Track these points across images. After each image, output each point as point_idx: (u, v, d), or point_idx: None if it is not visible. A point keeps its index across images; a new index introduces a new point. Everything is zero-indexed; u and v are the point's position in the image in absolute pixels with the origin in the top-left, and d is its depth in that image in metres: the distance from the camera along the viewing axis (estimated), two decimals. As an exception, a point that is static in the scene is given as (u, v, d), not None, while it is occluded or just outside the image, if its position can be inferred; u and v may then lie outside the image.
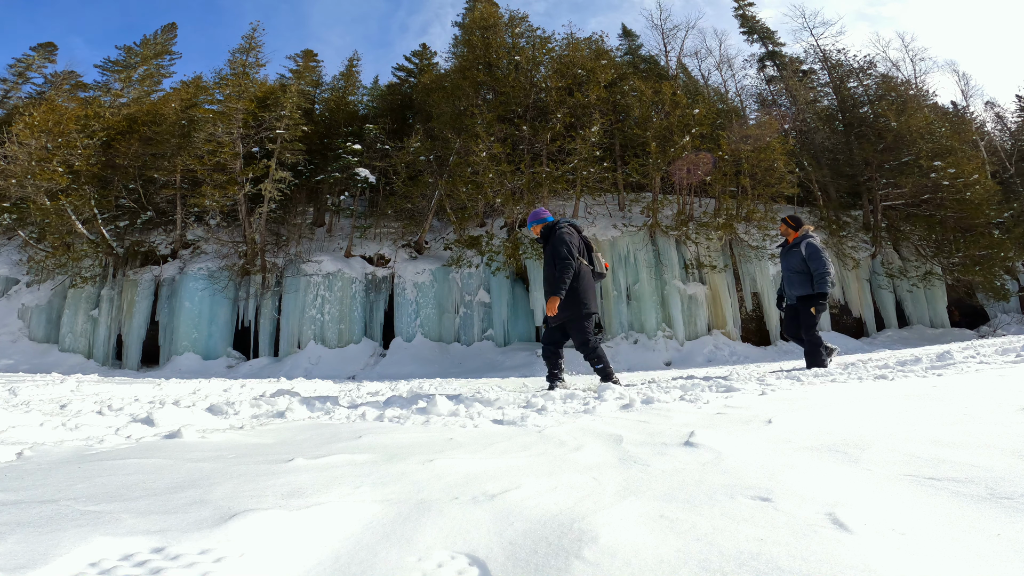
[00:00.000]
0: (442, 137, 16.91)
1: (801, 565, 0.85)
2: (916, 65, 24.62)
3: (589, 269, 4.25)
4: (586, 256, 4.28)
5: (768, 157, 15.59)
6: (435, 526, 1.08)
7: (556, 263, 3.98)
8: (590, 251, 4.34)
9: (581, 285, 4.08)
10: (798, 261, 5.15)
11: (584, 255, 4.26)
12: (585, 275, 4.16)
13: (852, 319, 16.76)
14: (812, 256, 5.00)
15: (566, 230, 4.21)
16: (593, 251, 4.35)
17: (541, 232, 4.35)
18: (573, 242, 4.10)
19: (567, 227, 4.25)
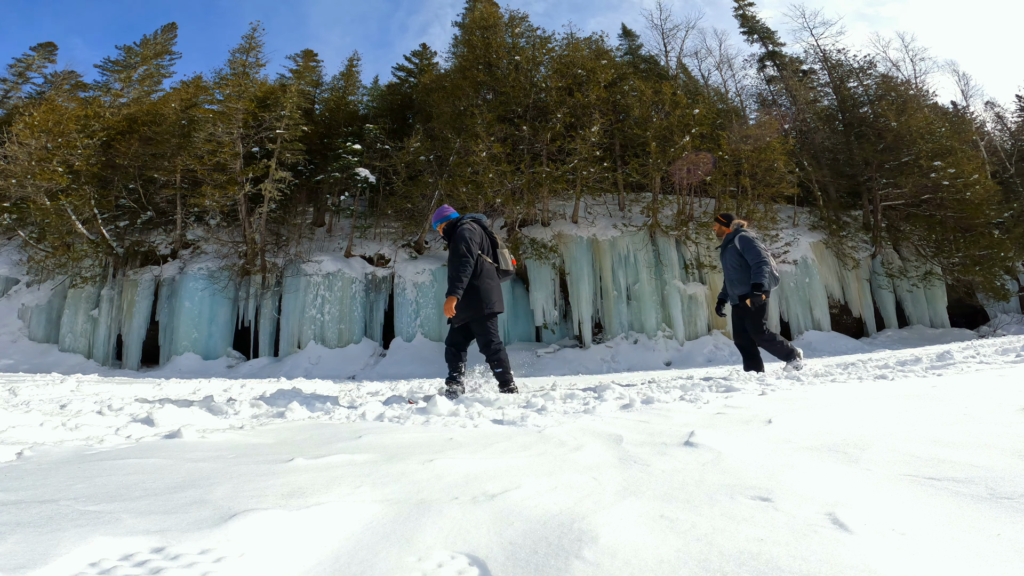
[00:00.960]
0: (442, 137, 16.91)
1: (801, 565, 0.84)
2: (916, 65, 24.65)
3: (493, 267, 3.99)
4: (490, 252, 4.03)
5: (768, 157, 15.60)
6: (435, 526, 1.08)
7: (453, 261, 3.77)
8: (495, 247, 4.08)
9: (482, 283, 3.83)
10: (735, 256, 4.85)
11: (488, 251, 4.01)
12: (487, 273, 3.89)
13: (852, 319, 16.76)
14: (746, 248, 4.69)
15: (467, 226, 3.92)
16: (499, 247, 4.10)
17: (444, 230, 4.08)
18: (473, 239, 3.84)
19: (468, 223, 3.98)
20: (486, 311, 3.81)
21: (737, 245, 4.80)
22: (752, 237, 4.74)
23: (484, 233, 4.04)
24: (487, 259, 3.94)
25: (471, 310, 3.82)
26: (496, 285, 3.92)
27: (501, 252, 4.07)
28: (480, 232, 3.97)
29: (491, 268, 3.95)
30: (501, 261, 4.04)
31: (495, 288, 3.90)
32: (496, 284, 3.92)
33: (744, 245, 4.72)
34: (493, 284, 3.89)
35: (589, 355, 13.79)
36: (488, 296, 3.82)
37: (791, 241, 16.39)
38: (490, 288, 3.85)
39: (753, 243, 4.69)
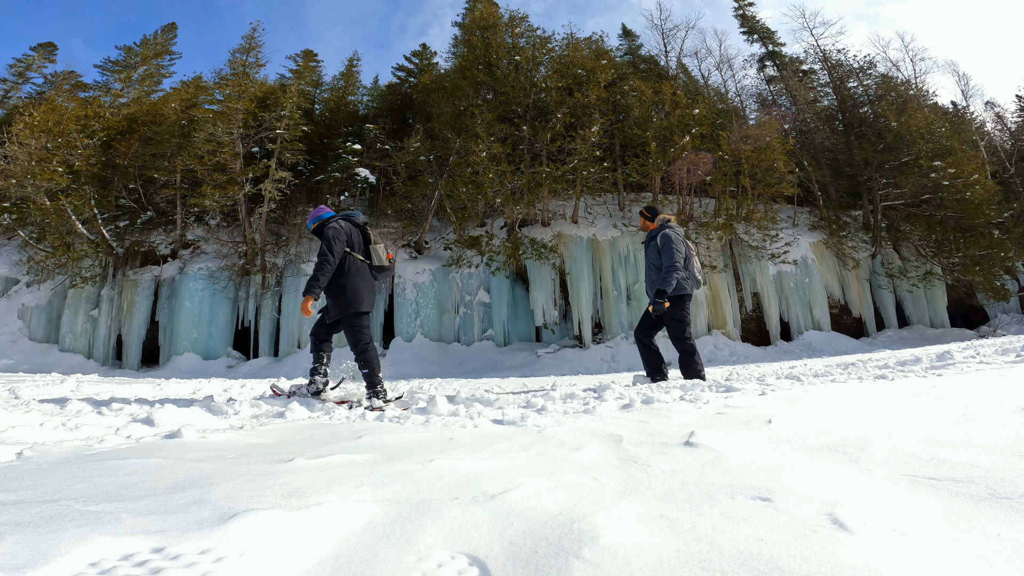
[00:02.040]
0: (442, 137, 16.91)
1: (801, 565, 0.85)
2: (916, 65, 24.64)
3: (365, 264, 3.87)
4: (362, 250, 3.91)
5: (768, 157, 15.59)
6: (435, 526, 1.08)
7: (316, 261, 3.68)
8: (367, 243, 3.95)
9: (349, 282, 3.74)
10: (654, 255, 4.54)
11: (360, 248, 3.90)
12: (356, 271, 3.80)
13: (852, 319, 16.76)
14: (664, 247, 4.35)
15: (333, 225, 3.81)
16: (372, 243, 3.96)
17: (315, 230, 3.99)
18: (338, 237, 3.73)
19: (336, 222, 3.87)
20: (351, 310, 3.73)
21: (658, 243, 4.48)
22: (673, 237, 4.40)
23: (357, 230, 3.94)
24: (358, 257, 3.84)
25: (338, 309, 3.77)
26: (367, 284, 3.83)
27: (374, 248, 3.93)
28: (348, 229, 3.86)
29: (362, 266, 3.85)
30: (374, 258, 3.91)
31: (365, 287, 3.81)
32: (367, 283, 3.84)
33: (663, 244, 4.39)
34: (363, 282, 3.80)
35: (589, 355, 13.79)
36: (356, 295, 3.74)
37: (791, 241, 16.39)
38: (358, 287, 3.77)
39: (671, 244, 4.34)
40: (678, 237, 4.41)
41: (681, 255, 4.33)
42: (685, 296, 4.39)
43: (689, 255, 4.46)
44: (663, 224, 4.57)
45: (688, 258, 4.43)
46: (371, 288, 3.86)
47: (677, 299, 4.37)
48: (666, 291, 4.23)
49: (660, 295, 4.25)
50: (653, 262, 4.55)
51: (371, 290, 3.85)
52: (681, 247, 4.36)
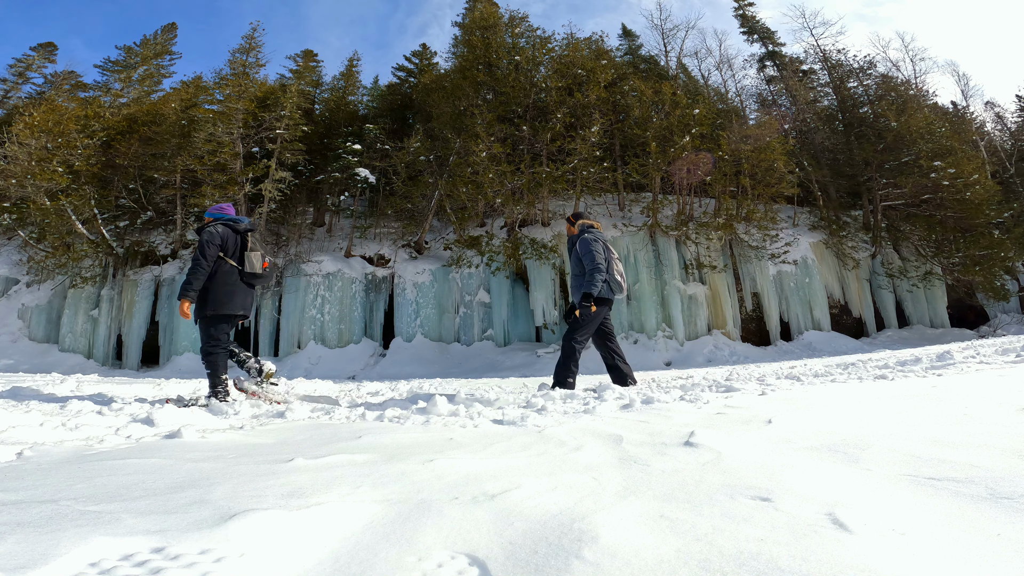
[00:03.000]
0: (442, 137, 16.91)
1: (801, 565, 0.85)
2: (916, 65, 24.66)
3: (236, 269, 3.87)
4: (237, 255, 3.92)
5: (768, 157, 15.59)
6: (435, 526, 1.08)
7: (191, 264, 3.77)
8: (244, 249, 3.96)
9: (213, 285, 3.78)
10: (575, 260, 4.43)
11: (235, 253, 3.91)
12: (223, 275, 3.82)
13: (852, 319, 16.77)
14: (584, 252, 4.24)
15: (209, 229, 3.87)
16: (249, 249, 3.96)
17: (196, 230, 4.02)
18: (212, 241, 3.78)
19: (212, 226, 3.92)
20: (208, 312, 3.78)
21: (578, 249, 4.35)
22: (592, 240, 4.29)
23: (236, 236, 3.97)
24: (230, 261, 3.86)
25: (199, 308, 3.82)
26: (232, 288, 3.84)
27: (249, 255, 3.94)
28: (224, 235, 3.90)
29: (232, 270, 3.87)
30: (246, 264, 3.91)
31: (231, 291, 3.83)
32: (233, 287, 3.85)
33: (582, 249, 4.27)
34: (228, 287, 3.82)
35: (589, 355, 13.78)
36: (216, 298, 3.77)
37: (791, 241, 16.39)
38: (219, 290, 3.79)
39: (590, 247, 4.22)
40: (597, 241, 4.30)
41: (604, 257, 4.22)
42: (600, 300, 4.22)
43: (610, 259, 4.31)
44: (583, 229, 4.47)
45: (609, 262, 4.30)
46: (242, 292, 3.90)
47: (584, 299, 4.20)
48: (592, 294, 4.10)
49: (586, 298, 4.11)
50: (575, 268, 4.44)
51: (241, 294, 3.90)
52: (600, 250, 4.24)
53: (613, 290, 4.27)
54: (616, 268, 4.32)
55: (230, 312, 3.82)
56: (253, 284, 3.99)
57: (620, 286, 4.32)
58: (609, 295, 4.24)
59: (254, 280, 3.96)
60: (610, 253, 4.35)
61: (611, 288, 4.25)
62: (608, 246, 4.37)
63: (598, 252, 4.19)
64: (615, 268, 4.31)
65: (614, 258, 4.37)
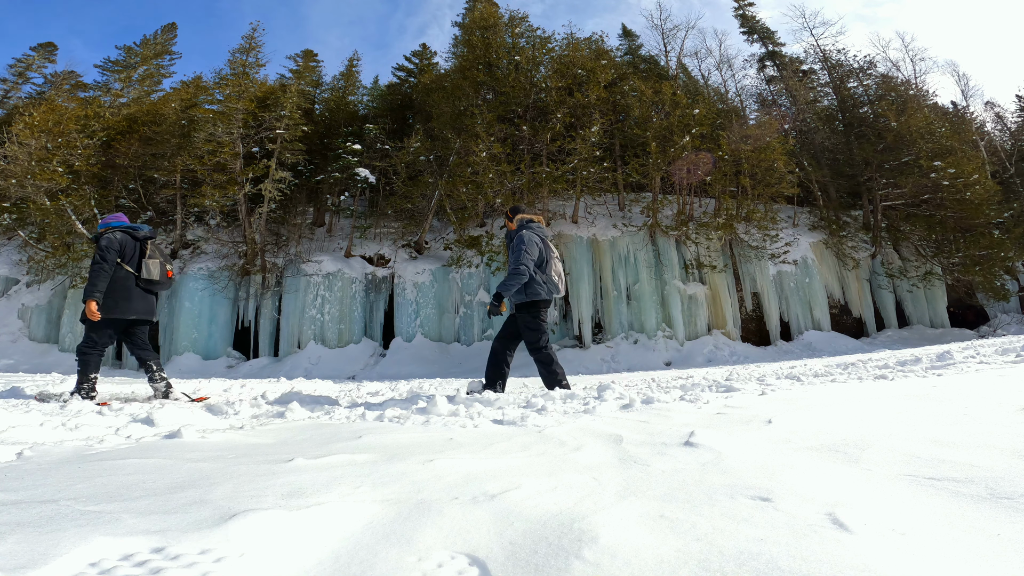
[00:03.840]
0: (442, 137, 16.91)
1: (801, 565, 0.85)
2: (916, 65, 24.65)
3: (132, 275, 4.06)
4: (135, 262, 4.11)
5: (768, 157, 15.60)
6: (435, 526, 1.08)
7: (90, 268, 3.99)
8: (142, 256, 4.14)
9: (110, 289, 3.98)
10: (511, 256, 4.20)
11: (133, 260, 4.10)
12: (119, 281, 4.01)
13: (852, 319, 16.77)
14: (515, 248, 3.99)
15: (108, 236, 4.06)
16: (147, 257, 4.15)
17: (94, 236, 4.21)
18: (111, 247, 3.99)
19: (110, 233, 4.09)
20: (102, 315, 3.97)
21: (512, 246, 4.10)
22: (525, 237, 4.00)
23: (135, 243, 4.16)
24: (127, 267, 4.05)
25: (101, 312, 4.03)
26: (129, 293, 4.04)
27: (147, 262, 4.13)
28: (122, 241, 4.08)
29: (128, 276, 4.05)
30: (143, 271, 4.10)
31: (125, 296, 4.02)
32: (129, 293, 4.04)
33: (515, 245, 4.01)
34: (122, 292, 4.02)
35: (589, 355, 13.79)
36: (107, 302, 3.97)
37: (791, 241, 16.39)
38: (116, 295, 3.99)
39: (522, 244, 3.94)
40: (534, 238, 4.02)
41: (531, 257, 3.93)
42: (539, 302, 3.97)
43: (548, 257, 4.06)
44: (522, 224, 4.19)
45: (546, 261, 4.05)
46: (138, 297, 4.10)
47: (530, 305, 3.97)
48: (503, 294, 3.87)
49: (497, 298, 3.86)
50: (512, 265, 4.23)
51: (138, 299, 4.10)
52: (534, 249, 3.96)
53: (550, 291, 4.03)
54: (554, 268, 4.08)
55: (120, 316, 4.03)
56: (152, 290, 4.19)
57: (557, 287, 4.07)
58: (549, 296, 4.02)
59: (152, 286, 4.16)
60: (549, 252, 4.12)
61: (548, 290, 4.01)
62: (548, 244, 4.12)
63: (528, 252, 3.91)
64: (553, 268, 4.07)
65: (553, 257, 4.13)
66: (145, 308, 4.15)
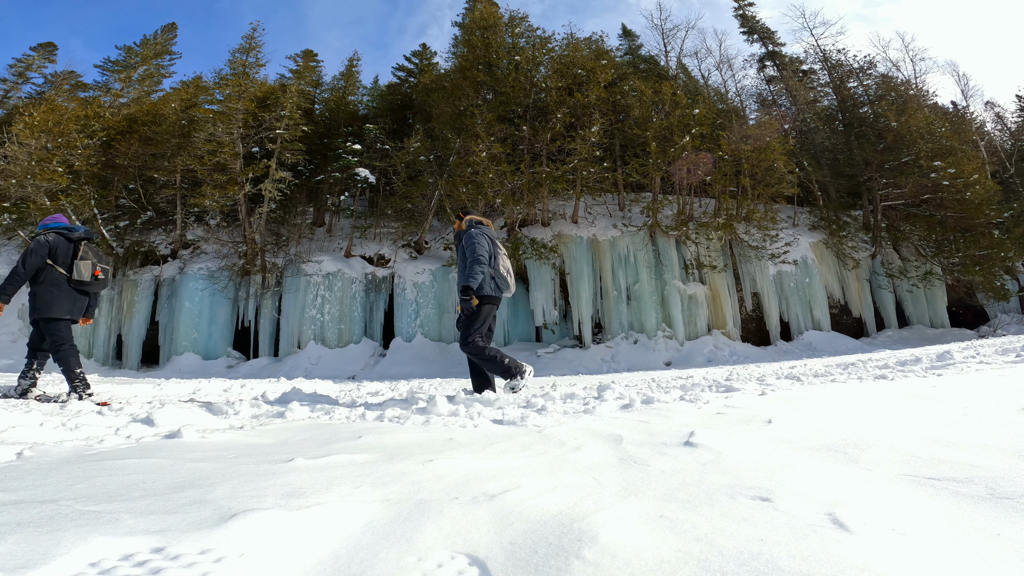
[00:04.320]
0: (442, 137, 16.91)
1: (801, 565, 0.85)
2: (916, 65, 24.66)
3: (64, 276, 4.12)
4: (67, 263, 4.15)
5: (768, 157, 15.59)
6: (435, 526, 1.08)
7: None
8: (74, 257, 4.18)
9: (40, 290, 4.07)
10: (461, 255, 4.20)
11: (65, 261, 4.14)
12: (51, 280, 4.08)
13: (852, 319, 16.76)
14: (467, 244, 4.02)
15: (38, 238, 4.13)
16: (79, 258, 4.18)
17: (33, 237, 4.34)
18: (40, 251, 4.05)
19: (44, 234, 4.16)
20: (39, 315, 4.09)
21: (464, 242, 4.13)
22: (475, 234, 4.04)
23: (68, 244, 4.21)
24: (58, 269, 4.12)
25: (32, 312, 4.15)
26: (64, 294, 4.11)
27: (78, 263, 4.17)
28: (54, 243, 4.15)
29: (59, 277, 4.11)
30: (74, 272, 4.15)
31: (58, 296, 4.09)
32: (64, 293, 4.12)
33: (467, 242, 4.04)
34: (57, 292, 4.09)
35: (589, 355, 13.79)
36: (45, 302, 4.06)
37: (791, 241, 16.39)
38: (51, 295, 4.07)
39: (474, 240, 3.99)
40: (483, 236, 4.07)
41: (485, 252, 3.97)
42: (485, 297, 3.95)
43: (495, 254, 4.09)
44: (471, 224, 4.26)
45: (494, 257, 4.07)
46: (70, 298, 4.18)
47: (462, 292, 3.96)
48: (471, 287, 3.84)
49: (465, 291, 3.86)
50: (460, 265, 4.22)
51: (69, 300, 4.18)
52: (484, 244, 4.00)
53: (500, 287, 4.05)
54: (502, 264, 4.10)
55: (59, 316, 4.11)
56: (84, 291, 4.25)
57: (507, 283, 4.07)
58: (496, 293, 4.03)
59: (83, 287, 4.21)
60: (497, 249, 4.15)
61: (497, 285, 4.03)
62: (496, 242, 4.16)
63: (480, 245, 3.95)
64: (501, 264, 4.09)
65: (501, 254, 4.15)
66: (76, 309, 4.23)
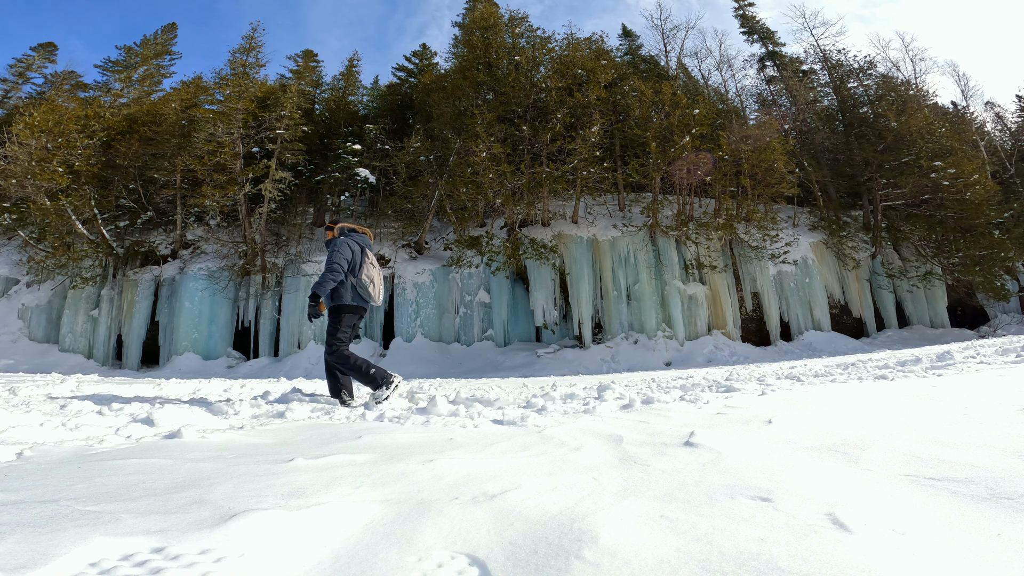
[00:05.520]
0: (442, 137, 16.91)
1: (801, 565, 0.84)
2: (916, 65, 24.66)
3: None
4: None
5: (768, 157, 15.59)
6: (435, 526, 1.08)
7: None
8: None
9: None
10: None
11: None
12: None
13: (852, 319, 16.76)
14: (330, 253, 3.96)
15: None
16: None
17: None
18: None
19: None
20: None
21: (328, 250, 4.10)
22: (340, 243, 3.96)
23: None
24: None
25: None
26: None
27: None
28: None
29: None
30: None
31: None
32: None
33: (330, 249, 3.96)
34: None
35: (589, 355, 13.79)
36: None
37: (791, 241, 16.39)
38: None
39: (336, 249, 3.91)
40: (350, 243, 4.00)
41: (345, 258, 3.89)
42: (341, 307, 3.91)
43: (362, 263, 4.01)
44: (342, 231, 4.21)
45: (359, 266, 3.99)
46: None
47: (334, 309, 3.94)
48: (319, 294, 3.81)
49: (313, 299, 3.85)
50: None
51: None
52: (347, 251, 3.93)
53: (363, 297, 3.98)
54: (366, 273, 4.00)
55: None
56: None
57: (368, 293, 3.99)
58: (358, 302, 3.97)
59: None
60: (365, 258, 4.06)
61: (359, 294, 3.96)
62: (367, 251, 4.10)
63: (340, 255, 3.88)
64: (364, 273, 3.99)
65: (368, 263, 4.06)
66: None
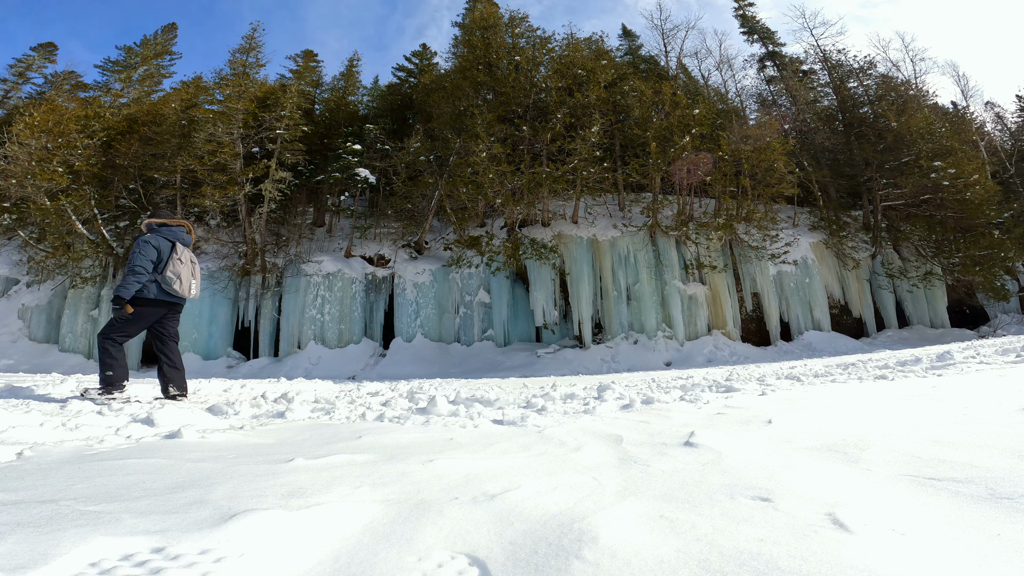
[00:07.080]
0: (442, 137, 16.91)
1: (801, 565, 0.84)
2: (916, 65, 24.67)
3: None
4: None
5: (768, 157, 15.59)
6: (435, 526, 1.08)
7: None
8: None
9: None
10: None
11: None
12: None
13: (852, 319, 16.76)
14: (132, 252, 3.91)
15: None
16: None
17: None
18: None
19: None
20: None
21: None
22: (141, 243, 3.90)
23: None
24: None
25: None
26: None
27: None
28: None
29: None
30: None
31: None
32: None
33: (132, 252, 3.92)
34: None
35: (589, 355, 13.79)
36: None
37: (791, 241, 16.39)
38: None
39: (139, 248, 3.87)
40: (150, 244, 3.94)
41: (149, 260, 3.85)
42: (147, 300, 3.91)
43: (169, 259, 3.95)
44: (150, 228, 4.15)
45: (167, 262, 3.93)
46: None
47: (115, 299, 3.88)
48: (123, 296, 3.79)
49: (116, 300, 3.79)
50: None
51: None
52: (149, 252, 3.87)
53: (167, 292, 3.94)
54: (171, 270, 3.93)
55: None
56: None
57: (172, 288, 3.94)
58: (161, 296, 3.93)
59: None
60: (174, 253, 4.01)
61: (162, 289, 3.91)
62: (176, 245, 4.03)
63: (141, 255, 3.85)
64: (170, 268, 3.92)
65: (175, 258, 3.98)
66: None
